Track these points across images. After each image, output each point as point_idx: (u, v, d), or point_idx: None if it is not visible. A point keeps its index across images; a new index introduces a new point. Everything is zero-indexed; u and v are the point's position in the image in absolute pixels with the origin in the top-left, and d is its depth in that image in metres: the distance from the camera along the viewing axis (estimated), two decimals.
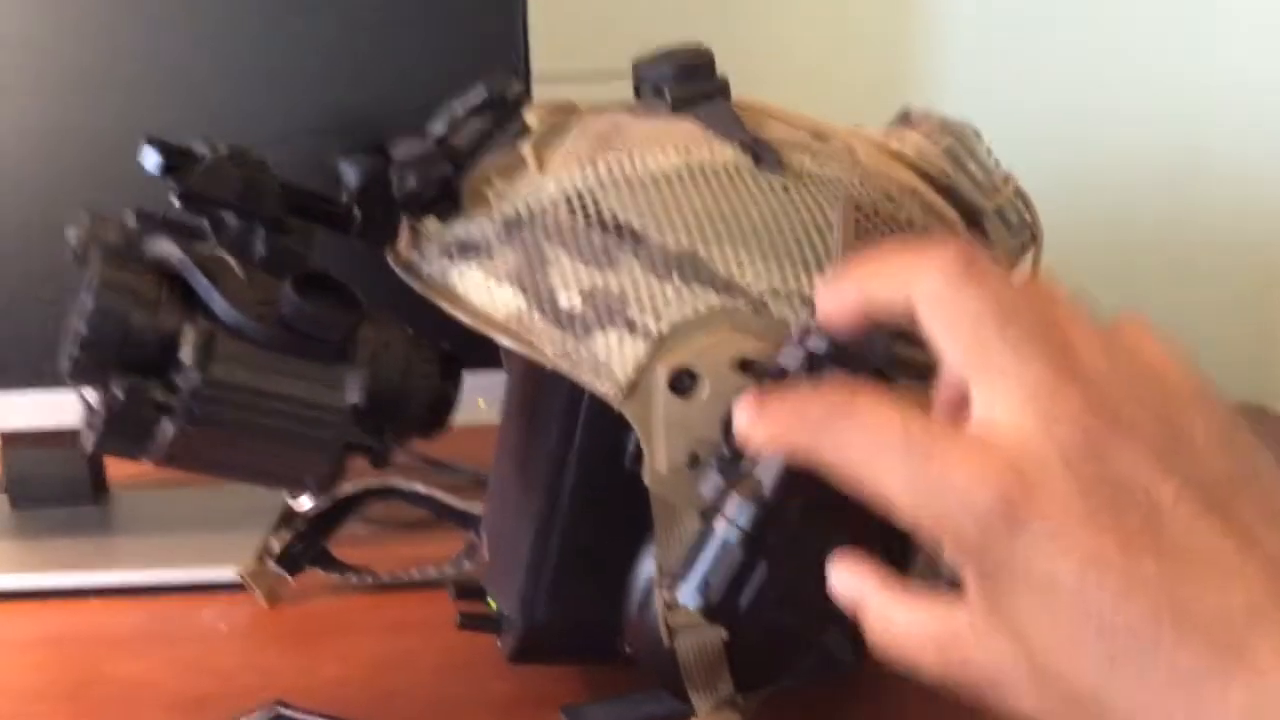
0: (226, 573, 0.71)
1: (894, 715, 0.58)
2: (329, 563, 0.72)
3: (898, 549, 0.52)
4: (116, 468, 0.83)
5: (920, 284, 0.33)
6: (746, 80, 0.56)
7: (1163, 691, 0.29)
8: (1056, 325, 0.33)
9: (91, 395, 0.47)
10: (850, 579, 0.37)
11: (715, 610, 0.40)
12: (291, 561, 0.71)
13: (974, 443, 0.32)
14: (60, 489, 0.80)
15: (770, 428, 0.35)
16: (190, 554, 0.74)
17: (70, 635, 0.68)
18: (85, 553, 0.75)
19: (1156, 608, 0.29)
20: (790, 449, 0.35)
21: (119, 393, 0.44)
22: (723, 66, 0.54)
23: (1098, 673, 0.30)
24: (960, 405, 0.33)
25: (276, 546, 0.71)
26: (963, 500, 0.31)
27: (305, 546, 0.71)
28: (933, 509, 0.32)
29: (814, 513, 0.47)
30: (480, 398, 0.73)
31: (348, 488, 0.72)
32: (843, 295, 0.36)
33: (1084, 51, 1.04)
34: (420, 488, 0.74)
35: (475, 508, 0.73)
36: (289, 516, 0.74)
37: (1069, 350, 0.32)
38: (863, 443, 0.33)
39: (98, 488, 0.82)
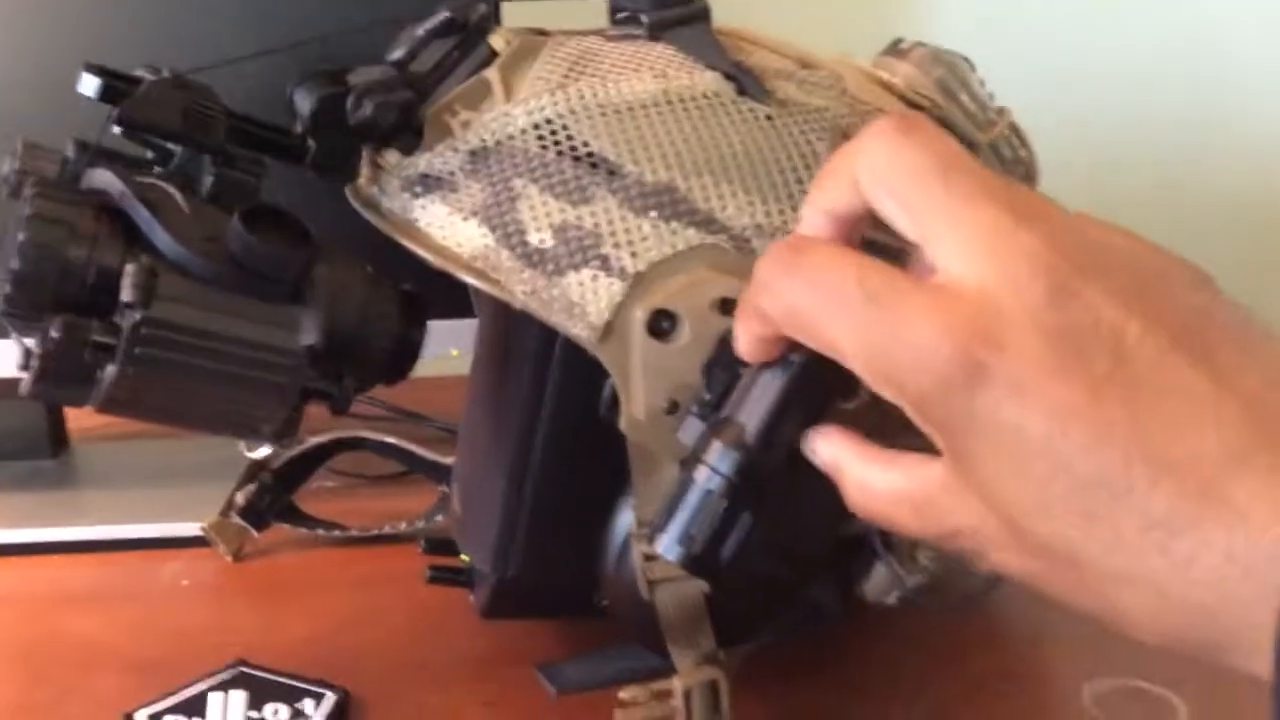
0: (190, 527, 0.68)
1: (878, 669, 0.56)
2: (296, 517, 0.69)
3: None
4: (77, 419, 0.80)
5: (859, 164, 0.32)
6: (729, 6, 0.53)
7: (1138, 541, 0.28)
8: (1003, 179, 0.31)
9: (30, 339, 0.44)
10: (828, 446, 0.36)
11: (697, 562, 0.38)
12: (257, 516, 0.68)
13: (932, 293, 0.30)
14: (18, 442, 0.78)
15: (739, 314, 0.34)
16: (152, 508, 0.71)
17: (25, 593, 0.65)
18: (43, 507, 0.73)
19: (1127, 455, 0.28)
20: (749, 315, 0.34)
21: (55, 332, 0.41)
22: None
23: (1072, 527, 0.29)
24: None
25: (242, 500, 0.68)
26: (919, 355, 0.29)
27: (271, 500, 0.68)
28: (889, 365, 0.30)
29: (799, 458, 0.45)
30: (454, 347, 0.71)
31: (315, 439, 0.70)
32: (809, 222, 0.34)
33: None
34: (391, 439, 0.71)
35: (449, 460, 0.70)
36: (255, 469, 0.72)
37: (1020, 194, 0.31)
38: (815, 294, 0.31)
39: (56, 440, 0.79)
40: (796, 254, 0.32)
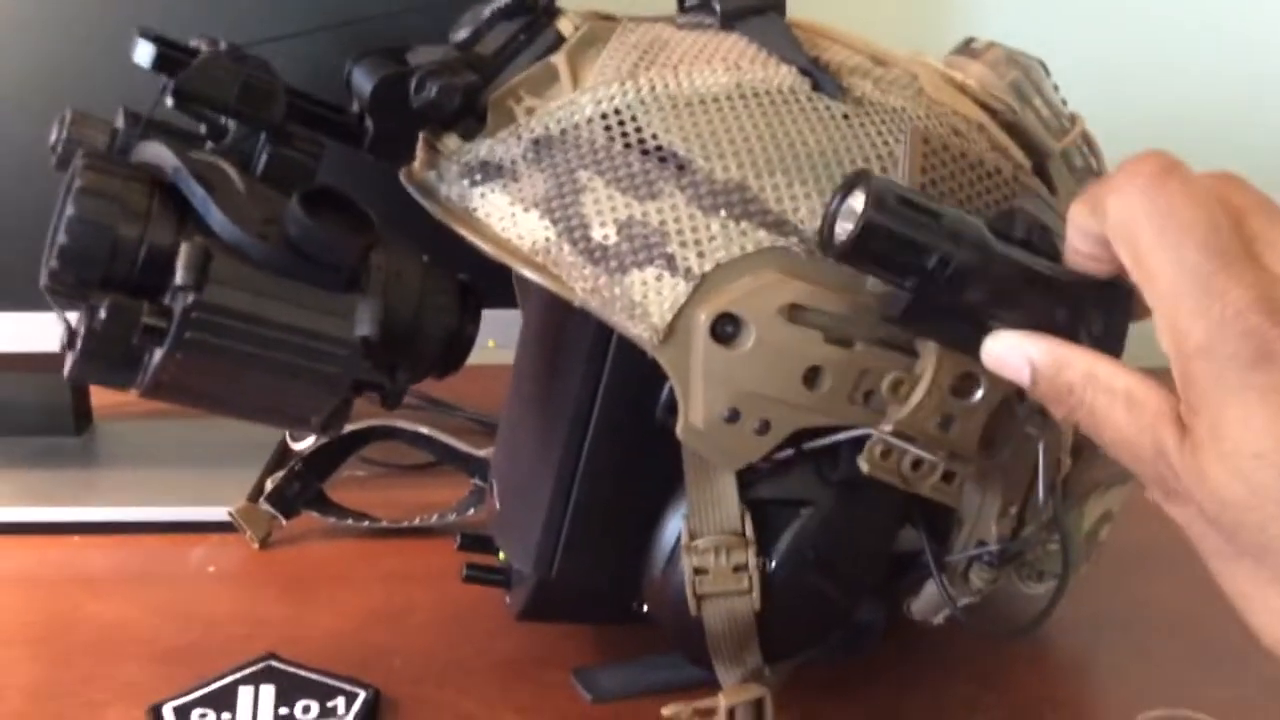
0: (217, 512, 0.67)
1: (924, 694, 0.55)
2: (326, 506, 0.68)
3: (941, 524, 0.48)
4: (101, 396, 0.78)
5: (1110, 203, 0.34)
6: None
7: None
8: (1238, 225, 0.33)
9: (74, 317, 0.42)
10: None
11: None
12: (286, 503, 0.67)
13: (1259, 273, 0.31)
14: (40, 417, 0.76)
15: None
16: (178, 491, 0.70)
17: (47, 575, 0.64)
18: (65, 486, 0.71)
19: None
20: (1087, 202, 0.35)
21: (102, 312, 0.39)
22: None
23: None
24: None
25: (270, 486, 0.66)
26: (1225, 315, 0.31)
27: (301, 487, 0.67)
28: (1188, 313, 0.31)
29: (860, 482, 0.44)
30: (491, 338, 0.69)
31: (349, 426, 0.68)
32: (1070, 236, 0.37)
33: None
34: (424, 429, 0.70)
35: (481, 452, 0.68)
36: (284, 454, 0.70)
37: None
38: (1161, 220, 0.32)
39: (80, 417, 0.77)
40: (1166, 175, 0.33)
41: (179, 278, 0.39)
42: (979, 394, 0.43)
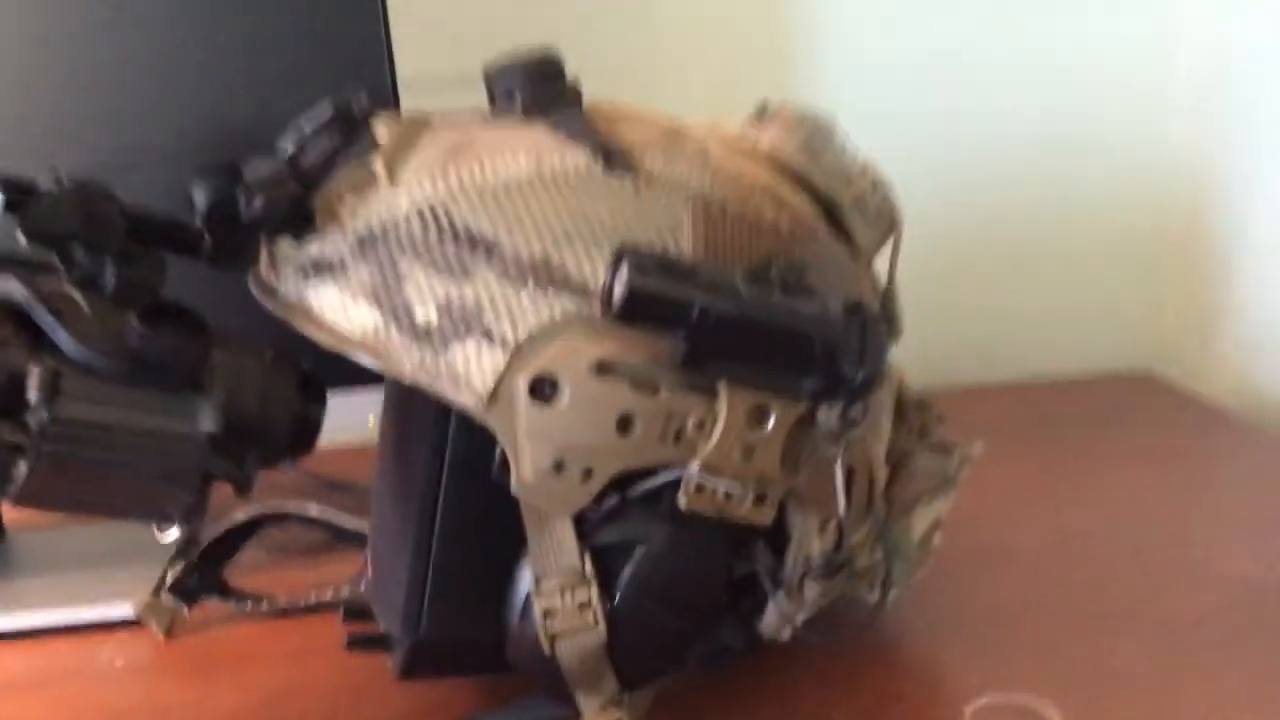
0: (124, 609, 0.70)
1: (779, 703, 0.59)
2: (226, 591, 0.71)
3: (779, 544, 0.53)
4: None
5: None
6: (620, 79, 0.56)
7: None
8: None
9: None
10: None
11: None
12: (188, 593, 0.70)
13: None
14: None
15: None
16: (87, 591, 0.73)
17: None
18: None
19: None
20: None
21: None
22: (598, 66, 0.54)
23: None
24: None
25: (171, 579, 0.70)
26: None
27: (201, 576, 0.71)
28: None
29: (679, 515, 0.48)
30: (371, 414, 0.73)
31: (240, 514, 0.72)
32: None
33: (962, 35, 1.06)
34: (314, 510, 0.73)
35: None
36: (184, 548, 0.73)
37: None
38: None
39: None
40: None
41: (32, 397, 0.43)
42: (771, 423, 0.48)
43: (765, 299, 0.44)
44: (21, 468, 0.45)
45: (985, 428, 0.69)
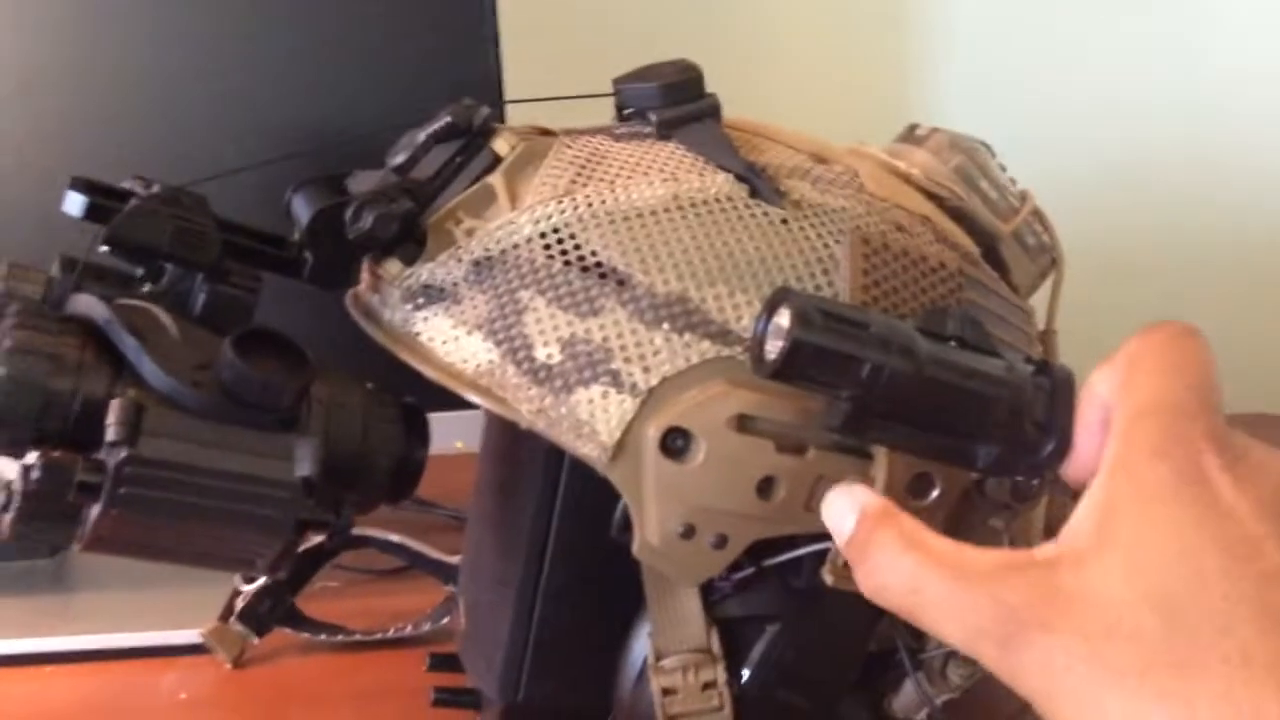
0: (189, 635, 0.66)
1: None
2: (299, 621, 0.67)
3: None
4: None
5: (1126, 374, 0.34)
6: (739, 98, 0.51)
7: None
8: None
9: (10, 470, 0.42)
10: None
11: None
12: (258, 620, 0.66)
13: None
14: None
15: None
16: (151, 614, 0.69)
17: (14, 710, 0.63)
18: (38, 614, 0.70)
19: None
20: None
21: (37, 473, 0.39)
22: (713, 84, 0.49)
23: None
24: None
25: (241, 604, 0.65)
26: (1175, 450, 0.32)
27: (273, 604, 0.66)
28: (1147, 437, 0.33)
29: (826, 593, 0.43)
30: (459, 440, 0.68)
31: (319, 538, 0.67)
32: (1083, 408, 0.37)
33: (1083, 52, 0.99)
34: (395, 537, 0.69)
35: (454, 558, 0.67)
36: None
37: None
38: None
39: None
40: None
41: (110, 434, 0.39)
42: (935, 493, 0.43)
43: (945, 356, 0.38)
44: (93, 511, 0.40)
45: None
